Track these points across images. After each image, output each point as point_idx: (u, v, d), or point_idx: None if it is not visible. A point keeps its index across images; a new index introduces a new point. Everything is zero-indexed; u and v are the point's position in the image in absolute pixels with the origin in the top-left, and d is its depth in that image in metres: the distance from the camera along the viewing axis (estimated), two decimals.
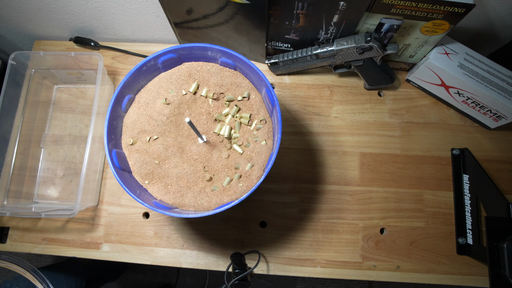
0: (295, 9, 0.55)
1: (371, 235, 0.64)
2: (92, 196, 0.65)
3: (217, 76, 0.54)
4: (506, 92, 0.59)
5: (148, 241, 0.64)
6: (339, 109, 0.71)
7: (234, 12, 0.58)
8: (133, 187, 0.49)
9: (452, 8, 0.51)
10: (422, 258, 0.63)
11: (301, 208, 0.65)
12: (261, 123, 0.53)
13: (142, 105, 0.53)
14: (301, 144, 0.69)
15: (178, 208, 0.50)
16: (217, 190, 0.51)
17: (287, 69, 0.70)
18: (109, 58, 0.76)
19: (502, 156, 0.67)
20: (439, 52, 0.62)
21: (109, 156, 0.48)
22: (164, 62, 0.53)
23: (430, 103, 0.71)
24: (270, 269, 0.62)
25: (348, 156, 0.68)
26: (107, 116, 0.49)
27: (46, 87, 0.73)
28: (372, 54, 0.61)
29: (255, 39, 0.65)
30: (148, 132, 0.53)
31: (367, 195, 0.66)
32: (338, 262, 0.63)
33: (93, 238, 0.65)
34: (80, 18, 0.72)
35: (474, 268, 0.62)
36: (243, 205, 0.66)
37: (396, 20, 0.56)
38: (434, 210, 0.65)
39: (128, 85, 0.51)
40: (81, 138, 0.71)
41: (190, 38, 0.71)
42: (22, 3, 0.68)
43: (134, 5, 0.67)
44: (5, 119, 0.64)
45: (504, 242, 0.51)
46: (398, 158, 0.68)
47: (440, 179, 0.67)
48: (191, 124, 0.46)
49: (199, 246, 0.64)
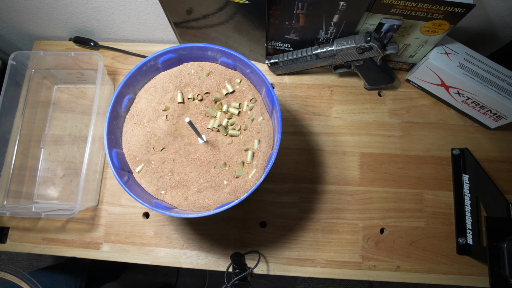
0: (295, 9, 0.55)
1: (371, 235, 0.64)
2: (92, 196, 0.65)
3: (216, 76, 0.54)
4: (506, 92, 0.59)
5: (148, 241, 0.64)
6: (339, 109, 0.71)
7: (234, 12, 0.58)
8: (133, 186, 0.49)
9: (452, 8, 0.51)
10: (422, 258, 0.63)
11: (301, 208, 0.65)
12: (252, 101, 0.53)
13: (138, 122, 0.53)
14: (301, 144, 0.69)
15: (178, 208, 0.50)
16: (241, 175, 0.51)
17: (287, 69, 0.70)
18: (109, 58, 0.76)
19: (502, 156, 0.67)
20: (439, 52, 0.62)
21: (109, 156, 0.48)
22: (164, 62, 0.53)
23: (430, 103, 0.71)
24: (270, 269, 0.62)
25: (348, 156, 0.68)
26: (107, 116, 0.49)
27: (46, 87, 0.73)
28: (372, 54, 0.61)
29: (255, 39, 0.65)
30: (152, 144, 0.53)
31: (367, 195, 0.66)
32: (338, 262, 0.63)
33: (93, 238, 0.65)
34: (80, 18, 0.72)
35: (474, 268, 0.62)
36: (243, 205, 0.66)
37: (396, 20, 0.56)
38: (434, 210, 0.65)
39: (128, 85, 0.51)
40: (81, 138, 0.71)
41: (190, 38, 0.71)
42: (22, 3, 0.68)
43: (134, 5, 0.67)
44: (5, 119, 0.64)
45: (504, 242, 0.51)
46: (398, 158, 0.68)
47: (440, 179, 0.67)
48: (191, 124, 0.46)
49: (199, 246, 0.64)
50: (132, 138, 0.52)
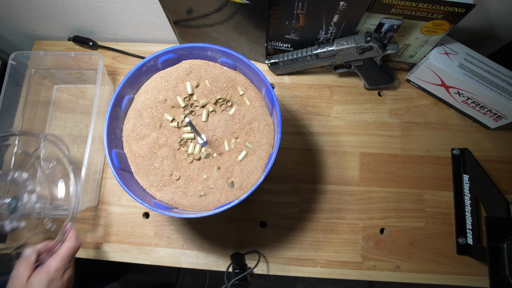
0: (295, 9, 0.55)
1: (371, 235, 0.64)
2: (92, 196, 0.65)
3: (215, 76, 0.54)
4: (506, 92, 0.59)
5: (148, 241, 0.64)
6: (339, 109, 0.71)
7: (234, 12, 0.58)
8: (133, 187, 0.49)
9: (452, 8, 0.51)
10: (422, 258, 0.63)
11: (301, 208, 0.65)
12: (252, 102, 0.54)
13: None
14: (301, 144, 0.69)
15: (178, 208, 0.50)
16: (241, 175, 0.51)
17: (287, 69, 0.70)
18: (109, 58, 0.76)
19: (502, 156, 0.67)
20: (439, 52, 0.62)
21: (109, 156, 0.48)
22: (164, 62, 0.53)
23: (430, 103, 0.71)
24: (270, 269, 0.62)
25: (348, 156, 0.68)
26: (107, 116, 0.49)
27: (46, 87, 0.73)
28: (372, 54, 0.61)
29: (255, 39, 0.65)
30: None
31: (367, 195, 0.66)
32: (338, 262, 0.63)
33: (93, 238, 0.65)
34: (80, 18, 0.72)
35: (474, 268, 0.62)
36: (243, 205, 0.66)
37: (396, 20, 0.56)
38: (434, 210, 0.65)
39: (128, 85, 0.51)
40: (81, 138, 0.71)
41: (190, 38, 0.71)
42: (22, 3, 0.68)
43: (134, 5, 0.67)
44: (5, 119, 0.64)
45: (504, 242, 0.51)
46: (398, 158, 0.68)
47: (440, 179, 0.67)
48: (190, 124, 0.46)
49: (199, 246, 0.64)
50: (132, 138, 0.52)
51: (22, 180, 0.54)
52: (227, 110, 0.55)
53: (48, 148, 0.54)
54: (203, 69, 0.54)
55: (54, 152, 0.53)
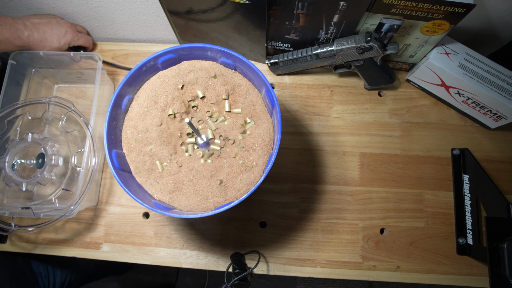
0: (295, 9, 0.55)
1: (371, 235, 0.64)
2: (91, 196, 0.65)
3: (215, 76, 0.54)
4: (506, 92, 0.59)
5: (148, 241, 0.64)
6: (339, 109, 0.71)
7: (234, 12, 0.58)
8: (133, 187, 0.49)
9: (452, 8, 0.51)
10: (422, 258, 0.63)
11: (301, 208, 0.65)
12: (252, 102, 0.54)
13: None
14: (301, 144, 0.69)
15: (178, 209, 0.50)
16: (241, 175, 0.51)
17: (287, 69, 0.70)
18: (109, 58, 0.76)
19: (502, 156, 0.67)
20: (439, 52, 0.62)
21: (109, 156, 0.48)
22: (164, 62, 0.53)
23: (430, 103, 0.71)
24: (270, 269, 0.62)
25: (348, 156, 0.68)
26: (107, 116, 0.49)
27: (46, 86, 0.73)
28: (372, 54, 0.61)
29: (255, 39, 0.65)
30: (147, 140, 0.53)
31: (367, 195, 0.66)
32: (338, 262, 0.63)
33: (93, 238, 0.65)
34: (80, 17, 0.72)
35: (474, 268, 0.62)
36: (243, 205, 0.66)
37: (396, 20, 0.56)
38: (434, 210, 0.65)
39: (128, 85, 0.51)
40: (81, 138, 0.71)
41: (190, 38, 0.71)
42: (22, 3, 0.68)
43: (134, 5, 0.67)
44: None
45: (504, 242, 0.51)
46: (398, 158, 0.68)
47: (440, 179, 0.67)
48: (190, 124, 0.46)
49: (199, 246, 0.64)
50: (132, 138, 0.52)
51: (40, 138, 0.61)
52: (228, 111, 0.55)
53: (55, 109, 0.62)
54: (203, 69, 0.54)
55: (61, 111, 0.61)
